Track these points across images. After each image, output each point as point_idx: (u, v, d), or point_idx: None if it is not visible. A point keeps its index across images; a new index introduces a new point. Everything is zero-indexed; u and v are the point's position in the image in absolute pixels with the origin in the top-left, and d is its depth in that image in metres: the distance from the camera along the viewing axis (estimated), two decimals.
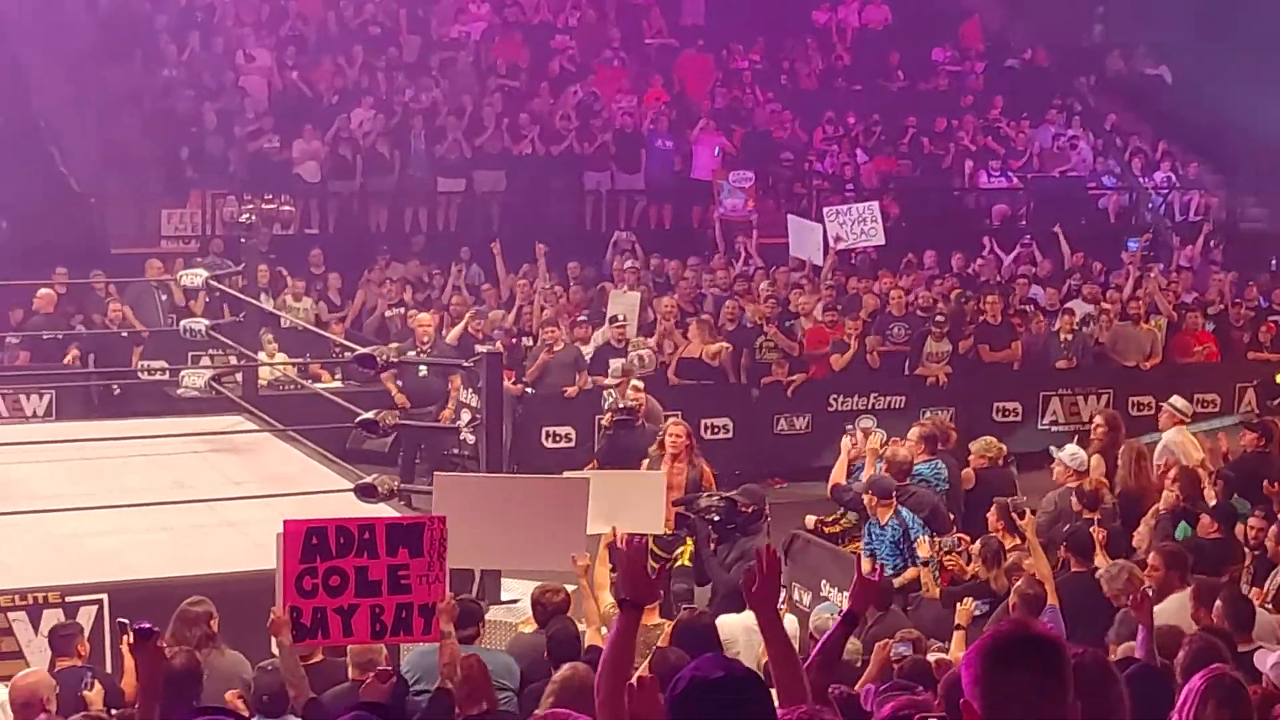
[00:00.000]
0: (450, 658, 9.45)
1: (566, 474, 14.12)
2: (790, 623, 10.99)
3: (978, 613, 11.90)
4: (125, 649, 10.49)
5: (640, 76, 30.05)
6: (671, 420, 15.70)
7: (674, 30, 31.36)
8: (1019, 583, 11.51)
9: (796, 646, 11.01)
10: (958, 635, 11.19)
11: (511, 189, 27.31)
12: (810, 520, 14.99)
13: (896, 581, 13.32)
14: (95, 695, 9.74)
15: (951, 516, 14.54)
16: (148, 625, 7.26)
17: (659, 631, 10.59)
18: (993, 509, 13.67)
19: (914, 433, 15.53)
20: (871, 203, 24.16)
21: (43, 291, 20.86)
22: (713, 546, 13.89)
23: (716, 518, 13.82)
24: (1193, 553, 12.07)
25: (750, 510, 13.84)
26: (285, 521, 9.30)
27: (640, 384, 17.24)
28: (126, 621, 10.77)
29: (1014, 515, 13.21)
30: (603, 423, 16.83)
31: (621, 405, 16.40)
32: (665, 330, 21.08)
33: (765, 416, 20.99)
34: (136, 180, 26.11)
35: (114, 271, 22.41)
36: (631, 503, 13.24)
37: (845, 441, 15.31)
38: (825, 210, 24.21)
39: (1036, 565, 12.01)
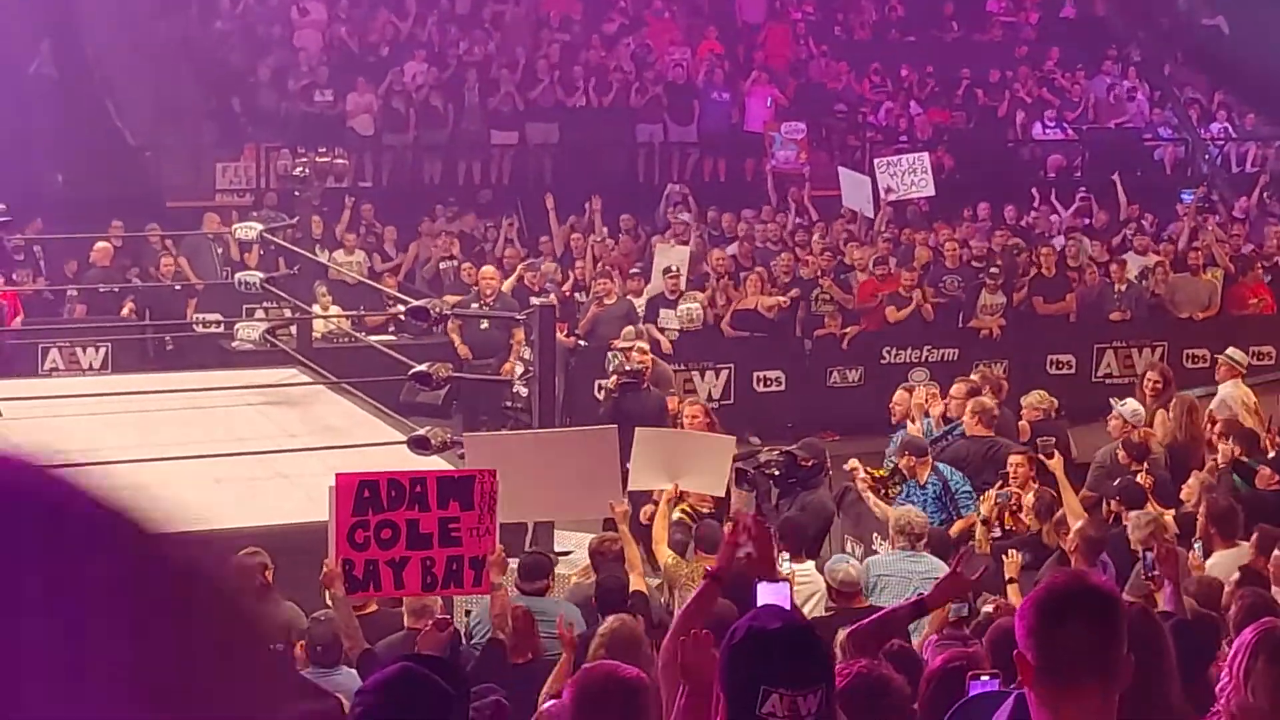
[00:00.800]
0: (501, 608, 9.51)
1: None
2: (850, 571, 10.99)
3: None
4: None
5: (693, 28, 29.97)
6: (688, 401, 15.56)
7: None
8: (1081, 524, 11.46)
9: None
10: (1011, 589, 11.17)
11: (564, 141, 27.30)
12: (854, 463, 14.88)
13: (951, 531, 13.30)
14: None
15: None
16: None
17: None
18: (1017, 456, 13.61)
19: (957, 388, 15.47)
20: (921, 154, 24.08)
21: (99, 245, 20.98)
22: (774, 501, 13.84)
23: (777, 472, 13.75)
24: (1253, 505, 12.03)
25: (810, 464, 13.77)
26: (337, 475, 9.35)
27: (646, 346, 17.15)
28: None
29: (1043, 456, 13.20)
30: (607, 386, 16.70)
31: (628, 368, 16.28)
32: (719, 284, 21.06)
33: (818, 369, 20.96)
34: (191, 133, 26.19)
35: (169, 225, 22.51)
36: (697, 462, 13.22)
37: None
38: (875, 161, 24.15)
39: (1066, 503, 12.01)
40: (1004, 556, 11.62)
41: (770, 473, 13.78)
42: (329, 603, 9.76)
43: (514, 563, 10.95)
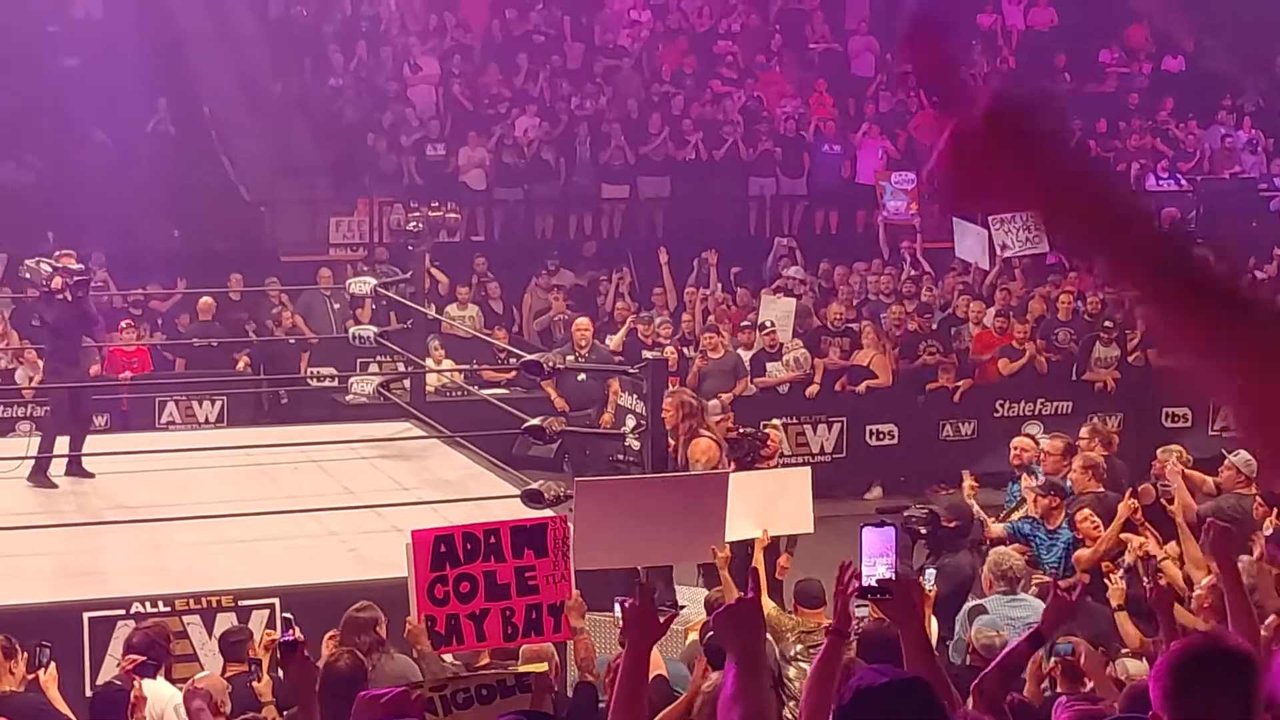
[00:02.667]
0: (586, 653, 9.50)
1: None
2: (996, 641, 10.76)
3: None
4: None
5: (803, 81, 30.00)
6: (665, 394, 15.04)
7: (837, 34, 31.26)
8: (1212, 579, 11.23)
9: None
10: (1120, 616, 11.01)
11: (675, 195, 27.36)
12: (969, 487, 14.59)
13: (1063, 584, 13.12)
14: (264, 686, 9.86)
15: None
16: (292, 637, 7.34)
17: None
18: (1085, 510, 13.42)
19: (1053, 444, 15.26)
20: None
21: (202, 300, 21.17)
22: (913, 559, 13.59)
23: (923, 530, 13.54)
24: None
25: (953, 525, 13.58)
26: (413, 532, 9.41)
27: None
28: (290, 617, 10.92)
29: (1164, 503, 13.00)
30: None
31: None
32: (828, 339, 21.02)
33: (931, 422, 20.87)
34: (305, 188, 26.43)
35: (284, 279, 22.72)
36: (781, 503, 13.15)
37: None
38: (991, 217, 24.01)
39: (1187, 550, 11.81)
40: (1106, 581, 11.45)
41: (916, 530, 13.58)
42: (419, 661, 9.76)
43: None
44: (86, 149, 25.22)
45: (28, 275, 16.48)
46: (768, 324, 20.83)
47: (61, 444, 15.57)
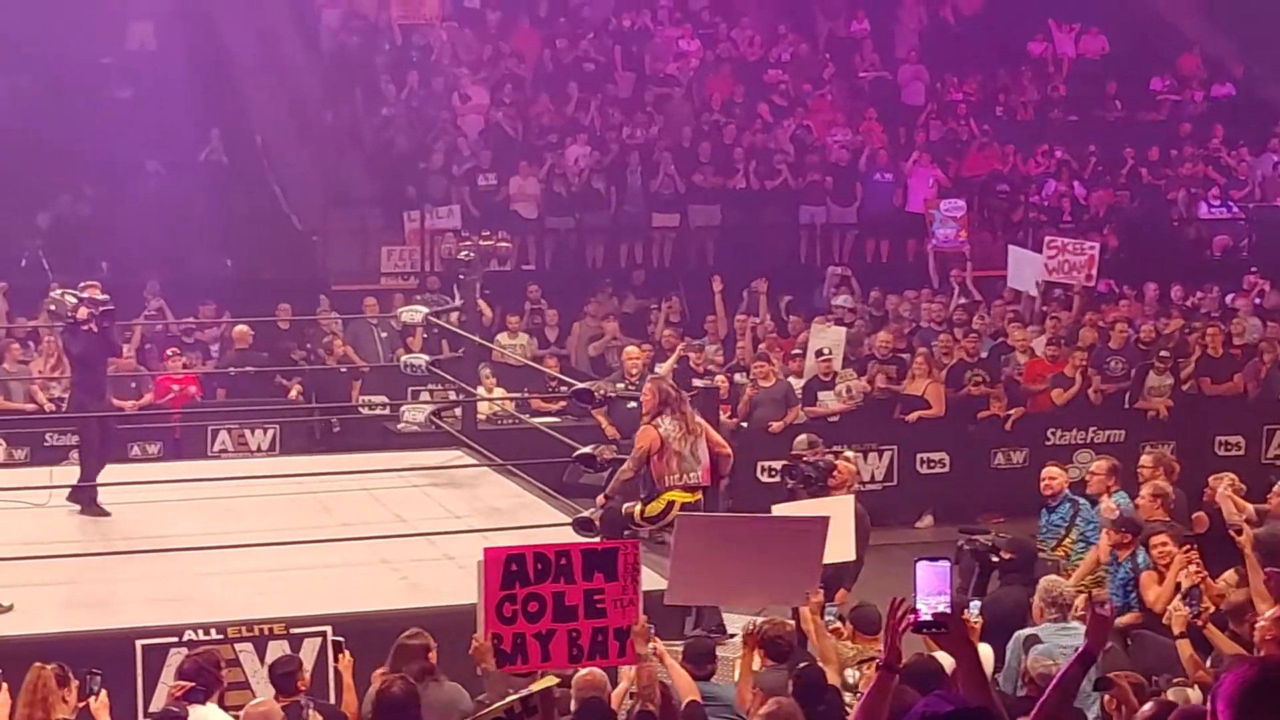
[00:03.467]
0: (648, 680, 9.48)
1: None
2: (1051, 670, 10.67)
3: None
4: (341, 668, 10.69)
5: (854, 110, 30.01)
6: (647, 379, 14.98)
7: (887, 63, 31.26)
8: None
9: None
10: (1182, 644, 10.95)
11: (726, 224, 27.38)
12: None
13: (1120, 622, 13.04)
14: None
15: None
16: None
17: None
18: (1159, 537, 13.32)
19: (1099, 465, 15.22)
20: (1093, 244, 23.84)
21: (238, 328, 21.23)
22: (969, 586, 13.53)
23: (994, 559, 13.44)
24: None
25: (1008, 559, 13.51)
26: (485, 549, 9.41)
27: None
28: (341, 640, 10.96)
29: (1232, 532, 12.90)
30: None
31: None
32: (877, 367, 20.99)
33: (982, 451, 20.80)
34: (356, 218, 26.54)
35: (335, 307, 22.79)
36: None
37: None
38: (1046, 240, 23.99)
39: (1253, 585, 11.72)
40: (1170, 609, 11.37)
41: (991, 559, 13.50)
42: (483, 678, 9.77)
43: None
44: (140, 179, 25.39)
45: (53, 307, 16.39)
46: (825, 350, 20.82)
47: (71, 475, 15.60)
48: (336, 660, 10.82)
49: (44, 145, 24.99)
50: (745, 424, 19.83)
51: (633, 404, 18.54)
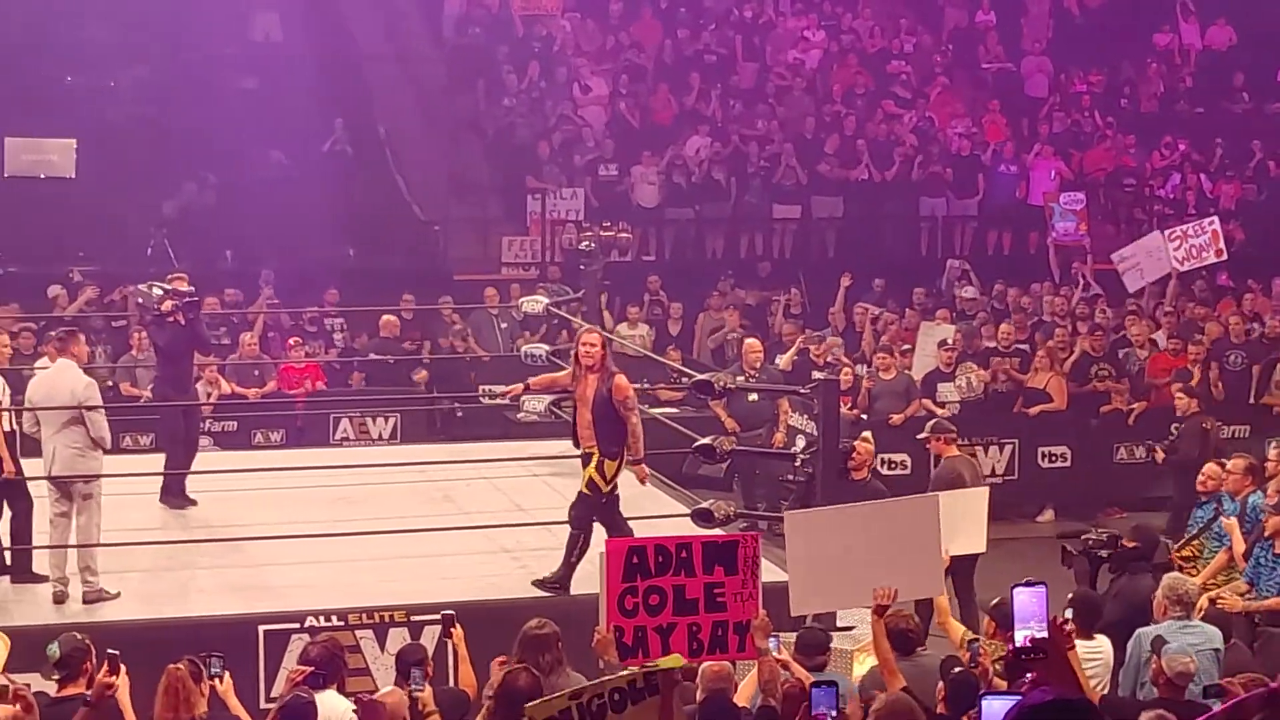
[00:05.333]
0: (770, 674, 9.44)
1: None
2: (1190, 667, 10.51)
3: None
4: (455, 642, 10.71)
5: (976, 101, 29.84)
6: (585, 328, 14.68)
7: (1011, 54, 31.05)
8: None
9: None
10: None
11: (848, 215, 27.30)
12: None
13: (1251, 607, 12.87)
14: (427, 696, 9.92)
15: None
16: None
17: None
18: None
19: (1235, 463, 15.02)
20: (1211, 218, 23.64)
21: (385, 317, 21.40)
22: (1091, 582, 13.39)
23: (1104, 554, 13.33)
24: None
25: (1132, 547, 13.36)
26: (607, 541, 9.43)
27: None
28: (453, 613, 10.98)
29: None
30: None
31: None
32: (998, 361, 20.87)
33: (1104, 445, 20.65)
34: (478, 208, 26.66)
35: (456, 298, 22.90)
36: (958, 523, 12.98)
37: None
38: (1166, 232, 23.78)
39: None
40: None
41: (1097, 555, 13.38)
42: (602, 670, 9.77)
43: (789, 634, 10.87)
44: (264, 169, 25.60)
45: (140, 300, 16.36)
46: (947, 340, 20.75)
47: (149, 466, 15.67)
48: (449, 634, 10.84)
49: (169, 135, 25.26)
50: (865, 416, 19.77)
51: (753, 396, 18.59)
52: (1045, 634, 5.63)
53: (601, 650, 9.57)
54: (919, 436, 16.68)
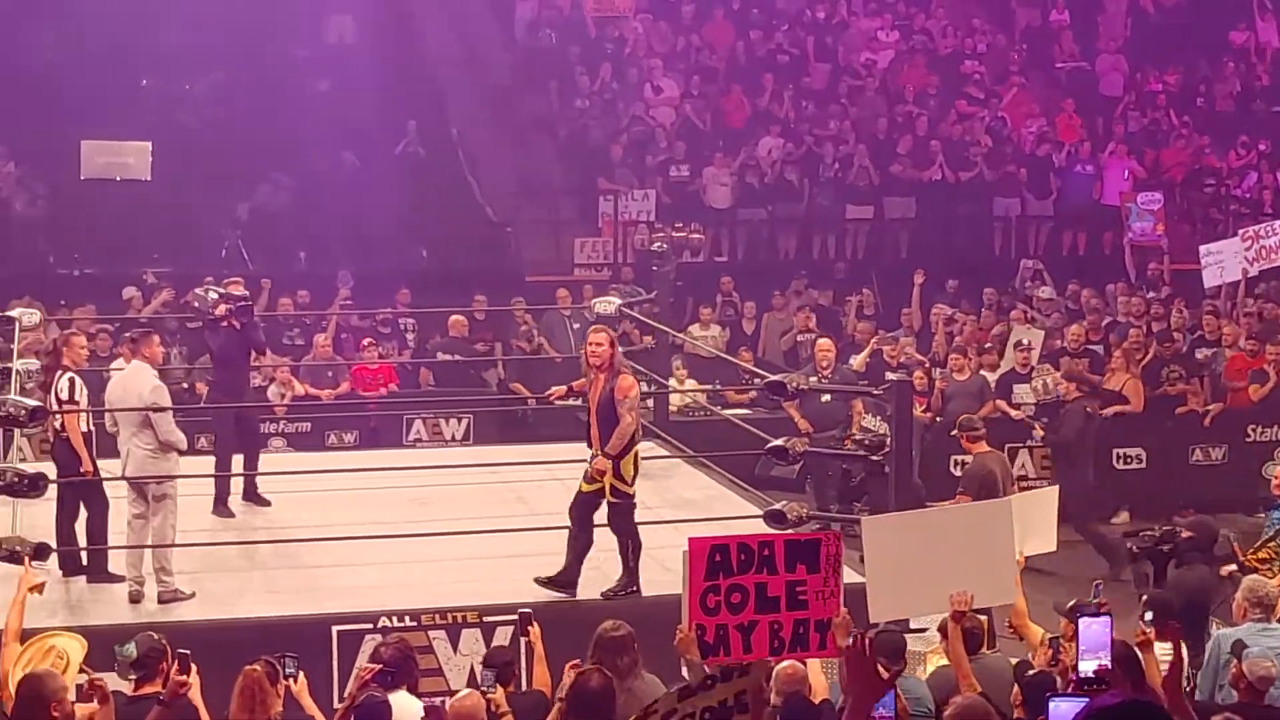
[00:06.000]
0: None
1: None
2: (1272, 670, 10.43)
3: None
4: (532, 639, 10.72)
5: (1050, 101, 29.69)
6: (594, 328, 14.53)
7: (1085, 53, 30.90)
8: None
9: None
10: None
11: (920, 216, 27.21)
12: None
13: None
14: (499, 697, 9.93)
15: None
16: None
17: None
18: None
19: None
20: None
21: (454, 318, 21.43)
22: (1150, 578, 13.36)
23: (1165, 548, 13.27)
24: None
25: (1189, 538, 13.30)
26: (690, 539, 9.39)
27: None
28: (530, 611, 11.00)
29: None
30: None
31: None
32: (1069, 363, 20.76)
33: (1180, 447, 20.51)
34: (550, 209, 26.69)
35: (528, 299, 22.92)
36: (1029, 524, 12.90)
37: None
38: (1240, 233, 23.60)
39: None
40: None
41: (1159, 551, 13.31)
42: (684, 670, 9.75)
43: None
44: (337, 171, 25.69)
45: (196, 304, 16.31)
46: (1024, 342, 20.67)
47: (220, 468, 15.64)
48: (526, 633, 10.84)
49: (244, 138, 25.39)
50: (939, 418, 19.70)
51: (826, 397, 18.53)
52: (1110, 665, 5.60)
53: (684, 649, 9.54)
54: (952, 434, 16.65)
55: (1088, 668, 5.62)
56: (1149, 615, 9.92)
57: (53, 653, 9.79)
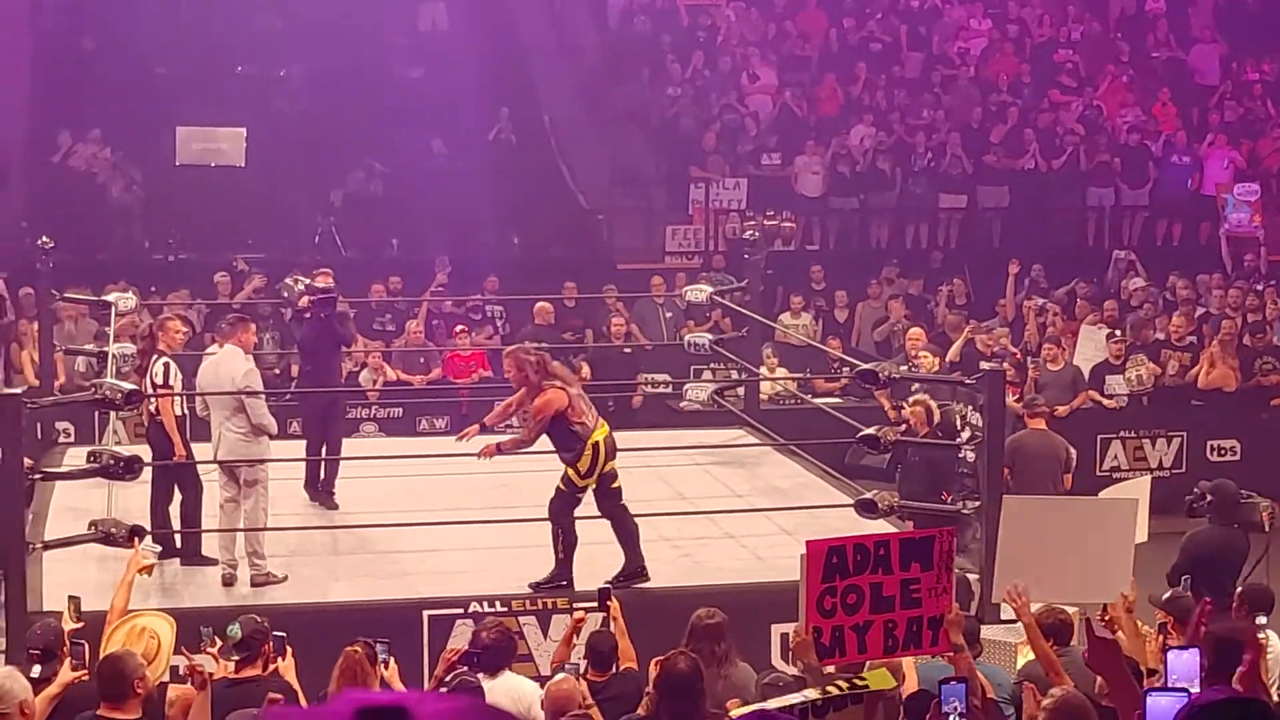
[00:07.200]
0: (968, 672, 9.31)
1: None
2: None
3: None
4: (613, 614, 10.75)
5: (1146, 90, 29.45)
6: (504, 355, 14.42)
7: (1181, 41, 30.63)
8: None
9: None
10: None
11: (1013, 205, 27.05)
12: None
13: None
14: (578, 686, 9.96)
15: None
16: None
17: None
18: None
19: None
20: None
21: (540, 304, 21.44)
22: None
23: (1199, 505, 13.32)
24: None
25: (1209, 500, 13.39)
26: (808, 542, 9.34)
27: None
28: (609, 587, 11.01)
29: None
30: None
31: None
32: (1168, 353, 20.62)
33: (1274, 438, 20.32)
34: (642, 197, 26.69)
35: (620, 286, 22.93)
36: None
37: None
38: None
39: None
40: None
41: (1196, 507, 13.37)
42: (804, 674, 9.69)
43: None
44: (430, 158, 25.78)
45: (285, 294, 16.42)
46: (1116, 334, 20.54)
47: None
48: (605, 608, 10.85)
49: (337, 124, 25.53)
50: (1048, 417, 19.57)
51: (916, 386, 18.44)
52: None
53: (801, 653, 9.46)
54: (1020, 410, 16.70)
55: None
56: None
57: (145, 633, 9.87)
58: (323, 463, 15.46)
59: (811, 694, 8.14)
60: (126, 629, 10.00)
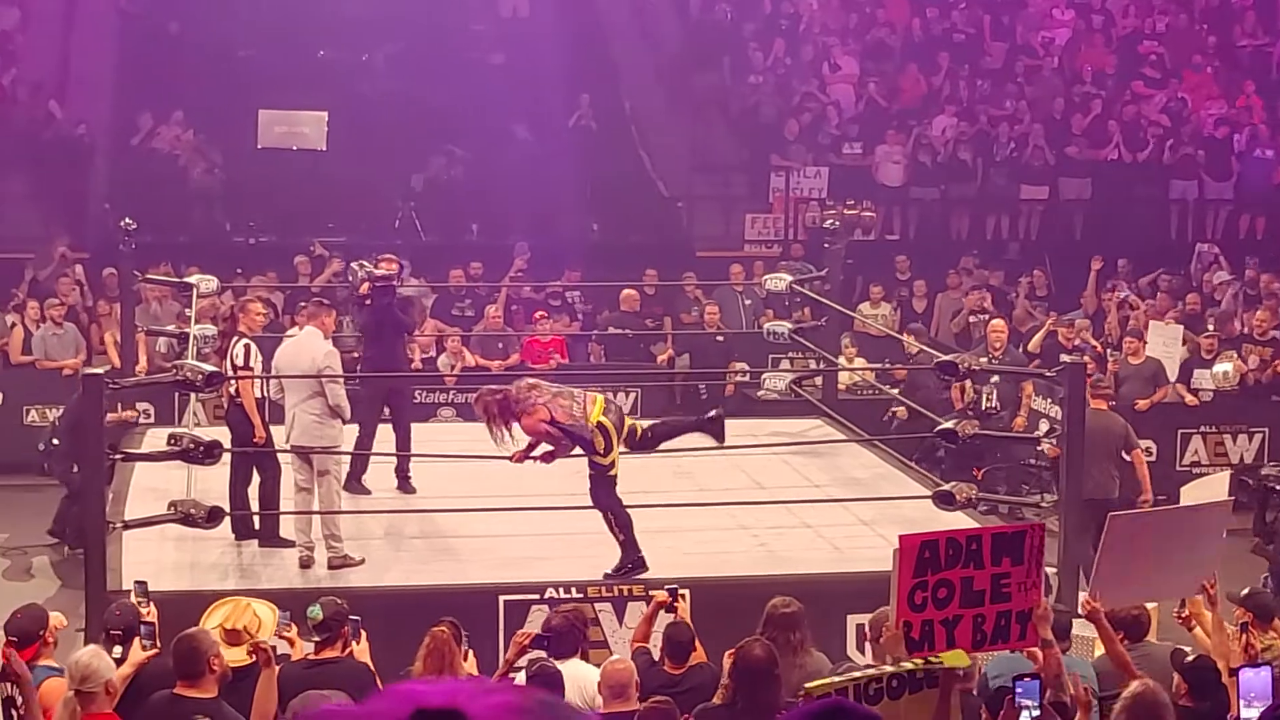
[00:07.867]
0: (1056, 668, 9.25)
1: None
2: None
3: None
4: (680, 610, 10.74)
5: (1231, 83, 29.19)
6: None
7: (1270, 32, 30.35)
8: None
9: None
10: None
11: (1096, 197, 26.87)
12: None
13: None
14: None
15: None
16: None
17: None
18: None
19: None
20: None
21: (625, 292, 21.44)
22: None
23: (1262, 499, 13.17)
24: None
25: None
26: (901, 537, 9.30)
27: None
28: (676, 586, 11.00)
29: None
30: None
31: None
32: (1249, 347, 20.43)
33: None
34: (721, 185, 26.64)
35: (699, 274, 22.90)
36: None
37: None
38: None
39: None
40: None
41: (1274, 488, 13.21)
42: (893, 666, 9.65)
43: None
44: (511, 143, 25.81)
45: (350, 278, 16.34)
46: (1209, 328, 20.39)
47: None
48: (674, 609, 10.83)
49: (418, 110, 25.58)
50: (1112, 401, 19.43)
51: (995, 378, 18.36)
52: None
53: (891, 648, 9.42)
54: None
55: (1250, 715, 5.52)
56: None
57: (249, 610, 9.93)
58: (394, 450, 15.46)
59: (888, 669, 8.13)
60: (233, 605, 10.05)
